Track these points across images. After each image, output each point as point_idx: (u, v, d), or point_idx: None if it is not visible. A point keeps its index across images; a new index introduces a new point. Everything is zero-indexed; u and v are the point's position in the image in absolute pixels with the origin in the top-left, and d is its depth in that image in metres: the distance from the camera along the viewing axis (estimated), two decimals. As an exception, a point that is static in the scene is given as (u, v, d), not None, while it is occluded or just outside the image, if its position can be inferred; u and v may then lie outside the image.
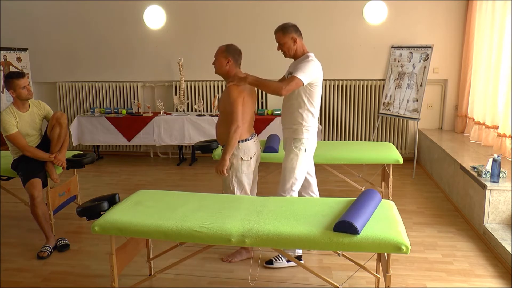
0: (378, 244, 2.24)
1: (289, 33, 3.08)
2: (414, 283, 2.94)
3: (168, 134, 5.91)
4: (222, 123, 3.14)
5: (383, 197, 4.25)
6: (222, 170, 3.05)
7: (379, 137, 6.13)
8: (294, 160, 3.17)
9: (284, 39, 3.10)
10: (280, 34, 3.11)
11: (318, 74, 3.09)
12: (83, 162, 3.92)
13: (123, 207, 2.71)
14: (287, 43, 3.10)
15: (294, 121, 3.16)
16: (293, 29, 3.11)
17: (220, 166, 3.06)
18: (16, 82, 3.41)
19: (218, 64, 3.12)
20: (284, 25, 3.12)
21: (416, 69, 5.46)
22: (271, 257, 3.18)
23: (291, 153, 3.18)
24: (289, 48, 3.11)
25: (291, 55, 3.15)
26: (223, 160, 3.04)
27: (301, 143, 3.16)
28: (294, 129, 3.17)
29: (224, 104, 3.09)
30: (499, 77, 4.57)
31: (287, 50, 3.12)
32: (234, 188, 3.15)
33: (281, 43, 3.12)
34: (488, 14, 4.91)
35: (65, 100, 6.58)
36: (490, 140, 4.77)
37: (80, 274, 3.12)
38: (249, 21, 6.06)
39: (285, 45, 3.11)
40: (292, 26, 3.12)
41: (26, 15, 6.44)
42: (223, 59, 3.09)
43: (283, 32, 3.09)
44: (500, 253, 3.21)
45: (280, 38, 3.11)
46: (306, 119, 3.13)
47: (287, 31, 3.09)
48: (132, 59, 6.39)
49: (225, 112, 3.09)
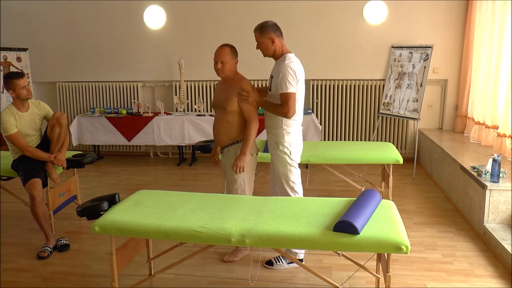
0: (378, 244, 2.24)
1: (266, 33, 2.99)
2: (414, 283, 2.94)
3: (168, 134, 5.91)
4: (227, 122, 3.13)
5: (383, 197, 4.25)
6: (243, 166, 3.05)
7: (379, 137, 6.13)
8: (285, 165, 3.12)
9: (261, 38, 3.02)
10: (257, 34, 3.03)
11: (299, 76, 2.99)
12: (83, 162, 3.92)
13: (123, 207, 2.71)
14: (265, 43, 3.01)
15: (274, 124, 3.09)
16: (271, 29, 3.00)
17: (242, 162, 3.04)
18: (15, 82, 3.41)
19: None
20: (263, 24, 3.02)
21: (416, 69, 5.46)
22: (271, 258, 3.18)
23: (278, 158, 3.13)
24: (266, 48, 3.03)
25: (270, 55, 3.07)
26: (245, 156, 3.05)
27: (284, 147, 3.10)
28: (275, 133, 3.11)
29: (230, 102, 3.08)
30: (499, 77, 4.57)
31: (265, 50, 3.04)
32: (245, 186, 3.16)
33: (259, 43, 3.04)
34: (488, 14, 4.91)
35: (65, 100, 6.58)
36: (490, 140, 4.77)
37: (80, 274, 3.12)
38: (249, 21, 5.99)
39: (262, 45, 3.03)
40: (271, 25, 3.01)
41: (26, 15, 6.44)
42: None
43: (260, 32, 3.01)
44: (500, 253, 3.21)
45: (258, 38, 3.03)
46: (287, 122, 3.05)
47: (265, 30, 3.00)
48: (132, 59, 6.39)
49: (229, 111, 3.09)
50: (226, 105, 3.08)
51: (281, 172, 3.15)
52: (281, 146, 3.10)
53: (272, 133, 3.15)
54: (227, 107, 3.08)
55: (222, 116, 3.14)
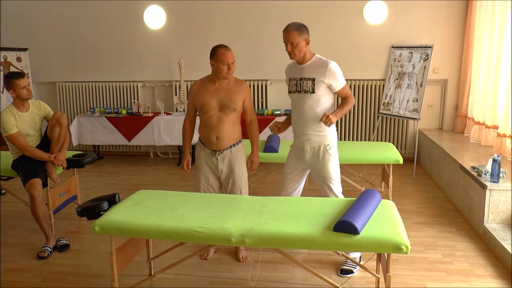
0: (378, 244, 2.24)
1: (304, 34, 2.90)
2: (414, 283, 2.94)
3: (168, 134, 5.91)
4: (231, 123, 3.14)
5: (383, 197, 4.25)
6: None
7: (379, 137, 6.13)
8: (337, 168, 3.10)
9: (298, 39, 2.88)
10: (295, 34, 2.88)
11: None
12: (83, 162, 3.92)
13: (123, 207, 2.71)
14: (300, 44, 2.90)
15: (320, 127, 3.01)
16: (307, 30, 2.94)
17: (258, 158, 3.31)
18: (16, 82, 3.41)
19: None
20: (299, 24, 2.91)
21: (416, 69, 5.46)
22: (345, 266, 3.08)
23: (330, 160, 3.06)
24: (301, 50, 2.92)
25: (300, 57, 2.96)
26: (257, 152, 3.30)
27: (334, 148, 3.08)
28: (323, 135, 3.04)
29: (237, 102, 3.10)
30: (499, 77, 4.57)
31: (299, 51, 2.92)
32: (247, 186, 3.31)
33: (294, 44, 2.89)
34: (488, 14, 4.91)
35: (65, 100, 6.58)
36: (490, 140, 4.77)
37: (80, 274, 3.12)
38: (249, 21, 6.06)
39: (297, 46, 2.90)
40: (305, 26, 2.94)
41: (26, 15, 6.45)
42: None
43: (299, 32, 2.88)
44: (500, 253, 3.21)
45: (294, 38, 2.88)
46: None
47: (303, 31, 2.90)
48: (132, 59, 6.39)
49: (236, 111, 3.12)
50: (233, 105, 3.09)
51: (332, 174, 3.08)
52: (331, 148, 3.06)
53: (318, 136, 3.04)
54: (236, 107, 3.11)
55: (225, 117, 3.12)
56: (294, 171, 3.22)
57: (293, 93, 3.08)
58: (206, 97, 3.10)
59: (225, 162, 3.18)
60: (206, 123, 3.15)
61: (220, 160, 3.17)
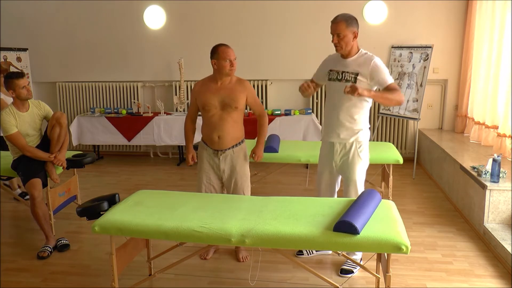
0: (378, 244, 2.24)
1: (352, 26, 2.78)
2: (414, 283, 2.94)
3: (168, 134, 5.91)
4: (234, 122, 3.15)
5: (383, 197, 4.25)
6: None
7: (379, 137, 6.13)
8: (363, 170, 3.01)
9: (346, 31, 2.77)
10: (343, 25, 2.77)
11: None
12: (83, 162, 3.92)
13: (123, 207, 2.71)
14: (348, 36, 2.78)
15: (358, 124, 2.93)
16: (356, 23, 2.81)
17: (262, 152, 3.30)
18: (15, 82, 3.41)
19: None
20: (350, 15, 2.80)
21: (416, 69, 5.46)
22: (345, 266, 3.05)
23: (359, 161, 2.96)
24: (347, 43, 2.79)
25: (347, 50, 2.83)
26: (263, 146, 3.30)
27: (363, 150, 2.98)
28: (357, 132, 2.94)
29: (240, 101, 3.11)
30: (499, 77, 4.57)
31: (346, 44, 2.79)
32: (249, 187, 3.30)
33: (341, 35, 2.78)
34: (488, 14, 4.91)
35: (65, 100, 6.58)
36: (490, 140, 4.77)
37: (80, 274, 3.12)
38: (249, 21, 6.05)
39: (345, 38, 2.78)
40: (355, 18, 2.82)
41: (26, 15, 6.44)
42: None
43: (347, 24, 2.77)
44: (500, 253, 3.21)
45: (342, 29, 2.76)
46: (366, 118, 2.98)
47: (352, 23, 2.78)
48: (132, 59, 6.39)
49: (238, 110, 3.13)
50: (234, 104, 3.09)
51: (357, 176, 2.98)
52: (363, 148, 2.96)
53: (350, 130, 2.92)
54: (238, 106, 3.10)
55: (227, 116, 3.12)
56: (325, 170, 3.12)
57: (333, 81, 2.95)
58: (208, 96, 3.11)
59: (227, 162, 3.18)
60: (208, 122, 3.16)
61: (222, 160, 3.18)
